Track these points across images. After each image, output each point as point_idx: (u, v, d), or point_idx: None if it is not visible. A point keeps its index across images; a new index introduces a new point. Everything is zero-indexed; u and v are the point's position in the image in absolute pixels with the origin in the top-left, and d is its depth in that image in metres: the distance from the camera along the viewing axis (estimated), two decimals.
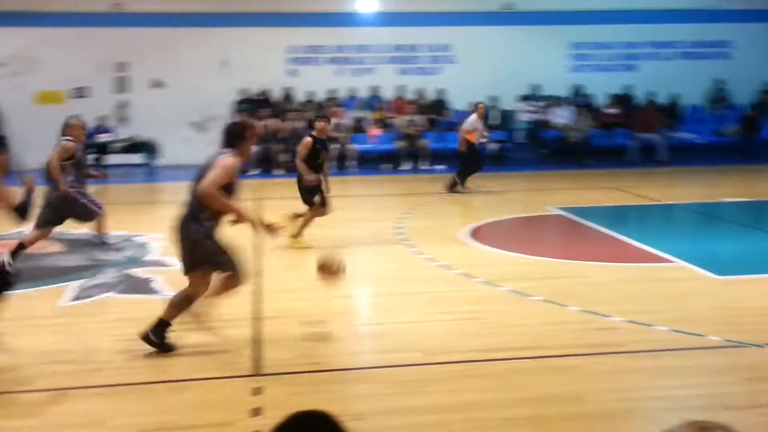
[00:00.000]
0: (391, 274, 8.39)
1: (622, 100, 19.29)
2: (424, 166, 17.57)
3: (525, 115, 19.13)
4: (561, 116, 18.72)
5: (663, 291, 7.48)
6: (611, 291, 7.48)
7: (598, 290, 7.49)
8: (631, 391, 4.97)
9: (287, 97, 18.72)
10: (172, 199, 7.58)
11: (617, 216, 12.11)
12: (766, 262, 8.63)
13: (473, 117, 14.15)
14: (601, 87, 19.37)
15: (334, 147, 15.12)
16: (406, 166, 17.58)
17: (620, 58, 20.09)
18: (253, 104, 18.14)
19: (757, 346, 5.74)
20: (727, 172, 16.47)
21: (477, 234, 10.29)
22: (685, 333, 6.05)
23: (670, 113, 18.90)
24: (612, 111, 19.00)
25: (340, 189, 11.52)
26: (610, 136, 18.60)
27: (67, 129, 9.08)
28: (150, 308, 6.17)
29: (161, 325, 5.67)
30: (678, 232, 10.96)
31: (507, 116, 19.22)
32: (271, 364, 5.49)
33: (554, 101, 19.02)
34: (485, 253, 9.29)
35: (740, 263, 8.62)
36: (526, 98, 19.31)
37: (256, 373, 5.34)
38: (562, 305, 6.86)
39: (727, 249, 9.41)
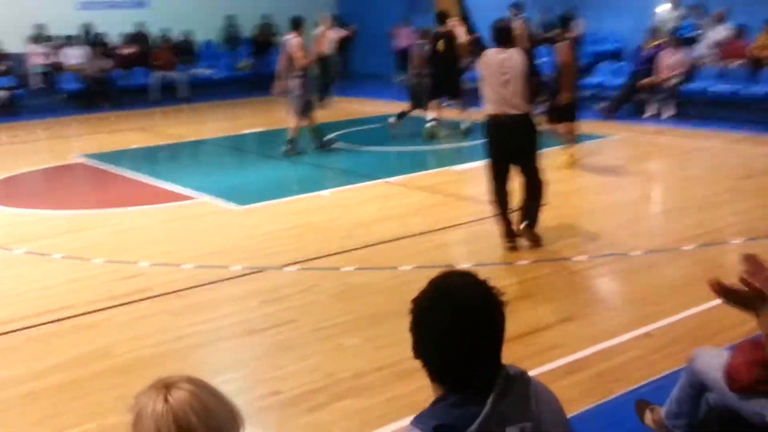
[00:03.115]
0: None
1: (137, 38, 18.92)
2: None
3: (36, 58, 17.64)
4: (74, 57, 17.71)
5: (189, 228, 7.64)
6: (138, 236, 7.39)
7: (125, 237, 7.36)
8: (159, 335, 4.97)
9: None
10: None
11: (144, 158, 11.96)
12: (281, 188, 9.34)
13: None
14: (113, 25, 18.70)
15: None
16: None
17: None
18: None
19: (274, 268, 6.19)
20: (244, 105, 17.31)
21: None
22: (210, 267, 6.26)
23: (185, 50, 19.11)
24: (128, 50, 18.53)
25: None
26: (129, 76, 18.19)
27: None
28: None
29: None
30: (203, 168, 11.22)
31: (15, 60, 17.57)
32: None
33: (65, 41, 17.89)
34: None
35: (259, 192, 9.14)
36: (35, 40, 17.80)
37: None
38: (86, 259, 6.58)
39: (248, 179, 9.92)
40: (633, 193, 8.49)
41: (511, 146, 6.33)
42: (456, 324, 1.76)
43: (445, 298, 1.79)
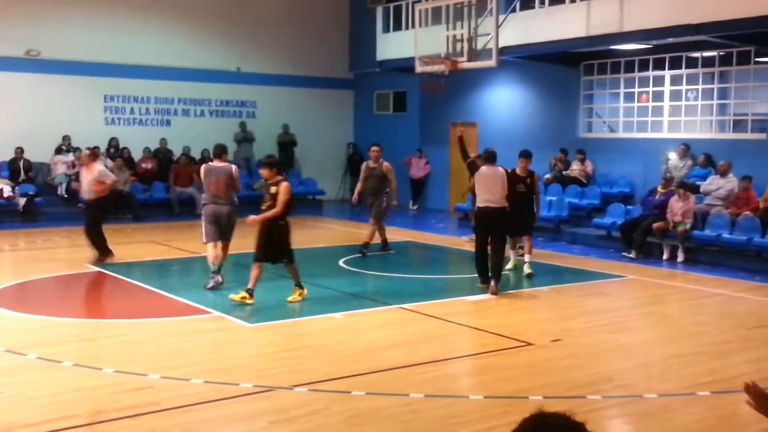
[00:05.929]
0: None
1: (158, 154, 19.47)
2: None
3: (61, 167, 18.10)
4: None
5: (199, 343, 7.62)
6: (148, 348, 7.36)
7: (135, 348, 7.33)
8: None
9: None
10: None
11: (157, 270, 12.05)
12: (292, 308, 9.35)
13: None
14: (137, 140, 19.34)
15: None
16: None
17: (154, 112, 20.27)
18: None
19: (284, 388, 6.13)
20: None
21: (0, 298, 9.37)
22: (219, 383, 6.20)
23: None
24: (147, 165, 19.02)
25: None
26: (149, 190, 18.57)
27: None
28: None
29: None
30: None
31: (39, 169, 18.03)
32: None
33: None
34: (8, 318, 8.48)
35: (270, 310, 9.17)
36: (60, 150, 18.33)
37: None
38: (95, 368, 6.54)
39: (259, 297, 9.91)
40: (645, 335, 8.45)
41: (492, 226, 9.92)
42: None
43: None
